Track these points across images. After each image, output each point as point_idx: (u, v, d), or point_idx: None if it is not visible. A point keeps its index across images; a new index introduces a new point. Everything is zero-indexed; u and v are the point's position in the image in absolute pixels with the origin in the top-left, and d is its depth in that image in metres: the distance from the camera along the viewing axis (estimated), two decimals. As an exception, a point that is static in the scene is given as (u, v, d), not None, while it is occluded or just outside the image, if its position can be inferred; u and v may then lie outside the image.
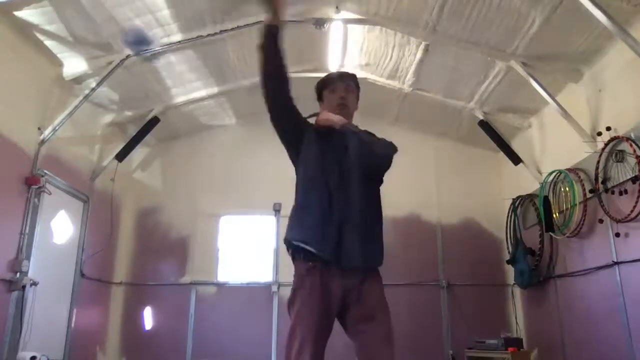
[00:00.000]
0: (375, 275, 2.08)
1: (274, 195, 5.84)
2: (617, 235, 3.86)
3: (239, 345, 5.54)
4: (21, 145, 4.13)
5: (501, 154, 5.78)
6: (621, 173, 3.81)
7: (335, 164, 2.10)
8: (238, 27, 4.50)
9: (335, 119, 2.16)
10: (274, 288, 5.73)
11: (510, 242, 5.55)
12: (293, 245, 2.03)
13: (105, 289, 5.62)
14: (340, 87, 2.28)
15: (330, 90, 2.29)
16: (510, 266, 5.55)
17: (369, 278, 2.03)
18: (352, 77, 2.36)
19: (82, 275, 5.01)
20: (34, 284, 4.12)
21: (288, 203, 2.22)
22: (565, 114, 4.37)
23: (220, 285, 5.90)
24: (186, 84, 5.35)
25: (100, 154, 5.44)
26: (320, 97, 2.35)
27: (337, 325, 2.05)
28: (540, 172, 5.18)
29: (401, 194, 6.00)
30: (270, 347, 5.54)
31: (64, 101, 4.58)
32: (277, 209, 5.92)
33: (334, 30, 4.82)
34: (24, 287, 4.01)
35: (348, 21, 4.68)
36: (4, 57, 3.90)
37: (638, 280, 3.72)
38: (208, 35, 4.51)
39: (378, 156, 2.13)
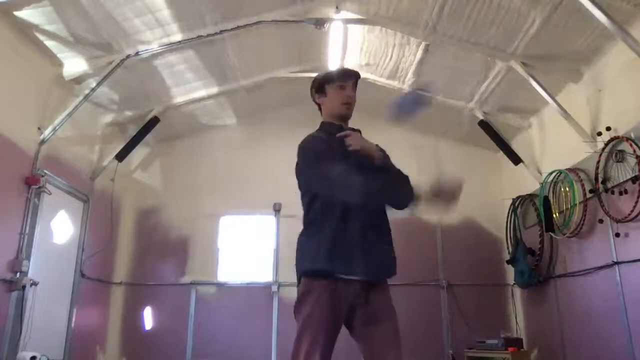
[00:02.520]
0: (383, 283, 2.10)
1: (274, 195, 5.84)
2: (617, 235, 3.86)
3: (239, 345, 5.54)
4: (21, 145, 4.13)
5: (501, 154, 5.79)
6: (621, 173, 3.81)
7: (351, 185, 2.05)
8: (238, 27, 4.51)
9: (377, 153, 2.10)
10: (274, 288, 5.73)
11: (510, 242, 5.55)
12: (317, 274, 2.00)
13: (105, 289, 5.62)
14: (349, 86, 2.24)
15: (339, 87, 2.23)
16: (510, 266, 5.55)
17: (377, 285, 2.05)
18: (358, 76, 2.32)
19: (82, 275, 5.01)
20: (34, 284, 4.12)
21: (288, 203, 2.23)
22: (565, 114, 4.37)
23: (220, 285, 5.90)
24: (186, 84, 5.35)
25: (100, 154, 5.44)
26: (321, 90, 2.28)
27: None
28: (540, 172, 5.18)
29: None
30: (271, 347, 5.54)
31: (64, 101, 4.58)
32: (277, 209, 5.92)
33: (334, 30, 4.82)
34: (24, 287, 4.01)
35: (348, 21, 4.68)
36: (4, 57, 3.89)
37: (638, 280, 3.72)
38: (208, 35, 4.51)
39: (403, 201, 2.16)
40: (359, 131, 2.30)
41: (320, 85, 2.30)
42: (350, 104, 2.24)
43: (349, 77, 2.26)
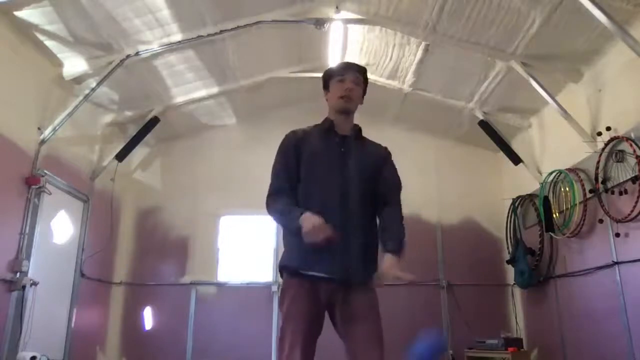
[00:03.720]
0: (366, 284, 2.06)
1: (274, 195, 5.83)
2: (617, 235, 3.87)
3: (239, 345, 5.54)
4: (21, 145, 4.13)
5: (501, 154, 5.78)
6: (621, 173, 3.81)
7: (333, 182, 2.06)
8: (238, 27, 4.51)
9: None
10: (274, 288, 5.72)
11: (510, 242, 5.55)
12: (291, 272, 2.04)
13: (105, 289, 5.62)
14: (349, 78, 2.20)
15: (338, 80, 2.21)
16: (510, 266, 5.55)
17: (357, 285, 2.03)
18: (362, 70, 2.28)
19: (82, 275, 5.01)
20: (34, 284, 4.12)
21: (288, 203, 2.21)
22: (565, 114, 4.37)
23: (220, 285, 5.90)
24: (186, 84, 5.35)
25: (100, 154, 5.44)
26: (326, 86, 2.28)
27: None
28: (540, 172, 5.18)
29: (401, 193, 6.01)
30: (270, 346, 5.53)
31: (64, 101, 4.58)
32: (277, 209, 5.91)
33: (334, 30, 4.82)
34: (24, 287, 4.01)
35: (348, 21, 4.68)
36: (4, 57, 3.89)
37: (638, 280, 3.72)
38: (208, 35, 4.51)
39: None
40: (359, 129, 2.27)
41: (325, 82, 2.29)
42: (349, 97, 2.18)
43: (346, 70, 2.23)
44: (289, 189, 2.10)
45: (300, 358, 1.89)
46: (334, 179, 2.06)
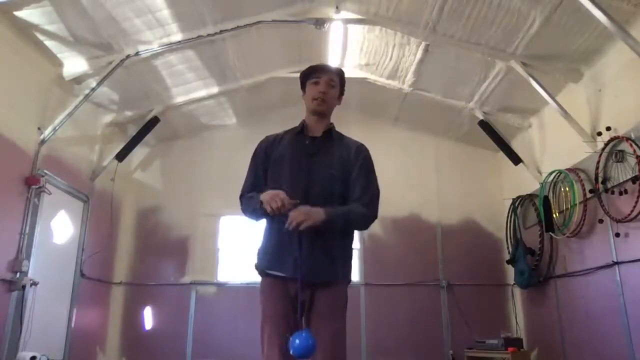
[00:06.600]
0: (331, 284, 2.06)
1: (274, 195, 5.82)
2: (617, 235, 3.86)
3: (239, 345, 5.54)
4: (21, 145, 4.13)
5: (501, 154, 5.79)
6: (621, 173, 3.81)
7: (296, 183, 2.06)
8: (238, 27, 4.51)
9: (316, 221, 1.92)
10: (274, 288, 5.72)
11: (510, 242, 5.55)
12: (260, 272, 2.18)
13: (105, 289, 5.62)
14: (323, 81, 2.18)
15: (313, 82, 2.20)
16: (510, 266, 5.55)
17: (324, 285, 2.04)
18: (337, 71, 2.26)
19: (82, 275, 5.01)
20: (34, 284, 4.12)
21: (287, 203, 2.22)
22: (565, 114, 4.37)
23: (220, 285, 5.90)
24: (186, 84, 5.35)
25: (100, 154, 5.44)
26: (303, 87, 2.27)
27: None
28: (540, 172, 5.18)
29: (401, 193, 6.01)
30: (270, 347, 5.54)
31: (64, 101, 4.58)
32: (277, 209, 5.91)
33: (334, 30, 4.83)
34: (24, 287, 4.02)
35: (348, 21, 4.69)
36: (4, 57, 3.90)
37: (638, 280, 3.72)
38: (208, 35, 4.51)
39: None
40: (330, 130, 2.22)
41: (302, 83, 2.28)
42: (322, 99, 2.16)
43: (321, 72, 2.21)
44: (252, 192, 2.21)
45: (278, 358, 1.98)
46: (298, 180, 2.06)
